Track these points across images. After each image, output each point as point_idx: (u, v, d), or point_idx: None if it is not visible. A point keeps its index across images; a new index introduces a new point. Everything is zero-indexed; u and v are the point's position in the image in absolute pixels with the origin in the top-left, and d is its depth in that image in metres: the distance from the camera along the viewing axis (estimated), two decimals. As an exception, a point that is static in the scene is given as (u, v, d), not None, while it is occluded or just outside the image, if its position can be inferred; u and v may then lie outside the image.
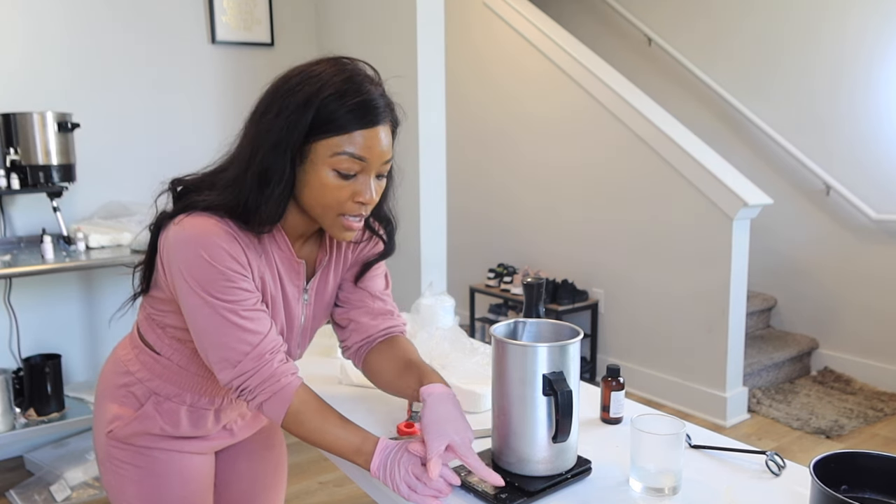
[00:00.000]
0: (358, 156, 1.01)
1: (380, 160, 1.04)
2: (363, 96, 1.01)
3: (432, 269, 2.98)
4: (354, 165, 1.02)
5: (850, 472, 0.94)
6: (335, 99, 1.00)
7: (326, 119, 1.00)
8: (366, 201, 1.04)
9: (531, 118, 4.20)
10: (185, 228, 1.03)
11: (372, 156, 1.02)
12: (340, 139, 1.00)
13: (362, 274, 1.24)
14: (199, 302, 1.02)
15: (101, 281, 3.00)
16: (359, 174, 1.03)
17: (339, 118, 1.00)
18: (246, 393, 1.05)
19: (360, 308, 1.25)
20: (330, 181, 1.02)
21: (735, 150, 4.17)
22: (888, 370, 3.72)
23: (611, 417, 1.32)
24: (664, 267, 3.57)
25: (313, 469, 2.85)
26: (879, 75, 3.64)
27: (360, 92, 1.01)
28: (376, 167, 1.04)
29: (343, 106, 1.00)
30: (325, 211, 1.05)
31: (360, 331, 1.25)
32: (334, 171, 1.02)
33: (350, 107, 1.00)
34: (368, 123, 1.01)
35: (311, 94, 1.00)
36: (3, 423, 2.47)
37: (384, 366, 1.22)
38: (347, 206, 1.04)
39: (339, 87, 1.00)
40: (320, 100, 1.00)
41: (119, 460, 1.20)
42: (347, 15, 3.29)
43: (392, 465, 1.01)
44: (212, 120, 3.23)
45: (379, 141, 1.02)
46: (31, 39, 2.80)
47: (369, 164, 1.02)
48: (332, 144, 1.00)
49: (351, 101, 1.00)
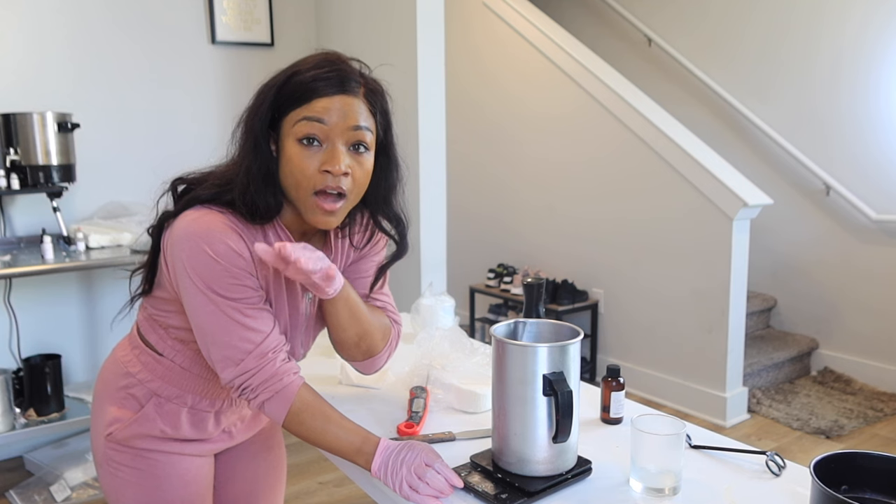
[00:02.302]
0: (315, 118, 1.00)
1: (344, 126, 1.01)
2: (329, 68, 1.02)
3: (432, 270, 2.99)
4: (314, 129, 1.01)
5: (850, 472, 0.94)
6: (302, 73, 1.02)
7: (290, 92, 1.02)
8: (333, 171, 1.01)
9: (531, 118, 4.20)
10: (190, 224, 1.02)
11: (331, 119, 1.01)
12: (302, 108, 1.01)
13: (378, 278, 1.24)
14: (202, 299, 1.02)
15: (100, 281, 3.00)
16: (324, 142, 1.02)
17: (302, 89, 1.01)
18: (247, 392, 1.05)
19: None
20: (296, 152, 1.02)
21: (735, 150, 4.17)
22: (888, 370, 3.72)
23: (611, 418, 1.32)
24: (664, 267, 3.57)
25: (313, 469, 2.85)
26: (879, 75, 3.64)
27: (328, 67, 1.02)
28: (342, 134, 1.02)
29: (307, 78, 1.01)
30: (298, 191, 1.04)
31: None
32: (298, 140, 1.01)
33: (312, 77, 1.01)
34: (331, 92, 1.01)
35: (286, 75, 1.03)
36: (3, 423, 2.46)
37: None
38: (317, 178, 1.02)
39: (310, 64, 1.03)
40: (289, 77, 1.03)
41: (118, 463, 1.19)
42: (347, 15, 3.29)
43: (394, 465, 1.01)
44: (212, 120, 3.23)
45: (342, 106, 1.01)
46: (31, 39, 2.80)
47: (331, 129, 1.01)
48: (295, 115, 1.02)
49: (316, 73, 1.01)
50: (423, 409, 1.33)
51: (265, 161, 1.04)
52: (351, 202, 1.07)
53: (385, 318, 1.24)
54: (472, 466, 1.10)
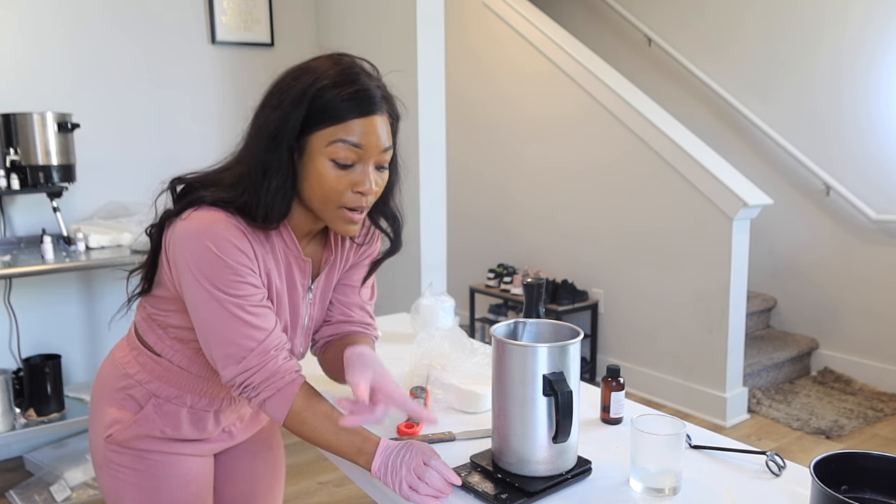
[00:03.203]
0: (354, 143, 1.01)
1: (377, 149, 1.03)
2: (358, 86, 1.02)
3: (432, 270, 2.99)
4: (351, 154, 1.02)
5: (850, 472, 0.94)
6: (330, 89, 1.00)
7: (322, 109, 1.00)
8: (365, 192, 1.04)
9: (531, 118, 4.20)
10: (193, 221, 1.02)
11: (368, 144, 1.02)
12: (336, 128, 1.01)
13: (370, 273, 1.27)
14: (205, 296, 1.02)
15: (100, 281, 3.00)
16: (356, 164, 1.03)
17: (335, 108, 1.00)
18: (249, 390, 1.05)
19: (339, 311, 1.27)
20: (328, 171, 1.02)
21: (735, 150, 4.17)
22: (888, 370, 3.72)
23: (611, 418, 1.31)
24: (664, 267, 3.57)
25: (313, 469, 2.85)
26: (879, 75, 3.64)
27: (355, 82, 1.02)
28: (374, 156, 1.04)
29: (338, 96, 1.00)
30: (325, 204, 1.05)
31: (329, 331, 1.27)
32: (331, 160, 1.02)
33: (345, 96, 1.00)
34: (364, 112, 1.01)
35: (307, 85, 1.01)
36: (3, 423, 2.46)
37: (330, 356, 1.24)
38: (347, 197, 1.04)
39: (335, 78, 1.01)
40: (315, 90, 1.00)
41: (118, 464, 1.19)
42: (347, 15, 3.29)
43: (394, 465, 1.01)
44: (212, 120, 3.23)
45: (375, 129, 1.02)
46: (31, 39, 2.80)
47: (366, 152, 1.02)
48: (328, 134, 1.01)
49: (346, 90, 1.01)
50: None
51: (290, 171, 1.03)
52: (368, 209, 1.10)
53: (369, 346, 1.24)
54: (472, 466, 1.10)
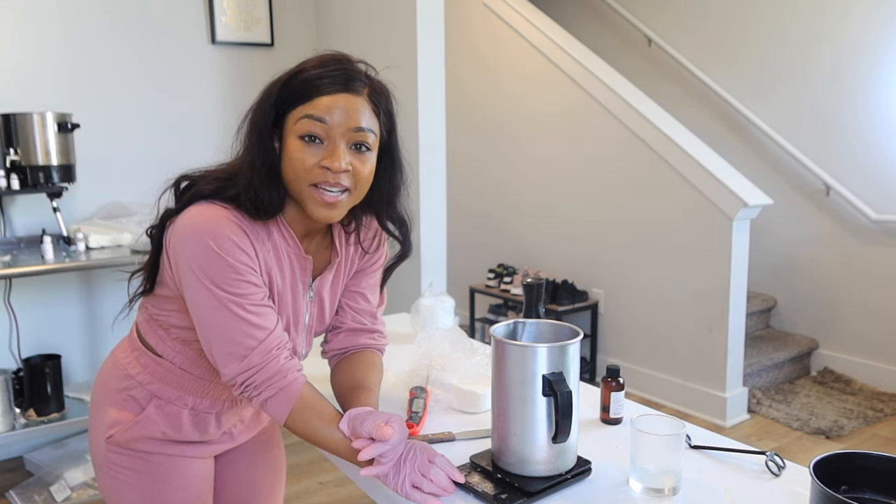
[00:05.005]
0: (318, 118, 1.01)
1: (345, 127, 1.02)
2: (333, 67, 1.04)
3: (432, 270, 2.98)
4: (316, 128, 1.02)
5: (850, 472, 0.94)
6: (307, 71, 1.03)
7: (294, 90, 1.03)
8: (333, 168, 1.02)
9: (531, 118, 4.20)
10: (194, 218, 1.02)
11: (333, 118, 1.02)
12: (305, 106, 1.02)
13: (385, 280, 1.28)
14: (205, 294, 1.01)
15: (100, 281, 3.00)
16: (325, 140, 1.03)
17: (306, 87, 1.03)
18: (250, 389, 1.04)
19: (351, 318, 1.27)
20: (296, 148, 1.03)
21: (735, 150, 4.17)
22: (888, 370, 3.72)
23: (611, 418, 1.31)
24: (664, 267, 3.57)
25: (313, 469, 2.85)
26: (879, 75, 3.64)
27: (331, 66, 1.04)
28: (343, 134, 1.03)
29: (311, 76, 1.03)
30: (297, 184, 1.04)
31: (341, 340, 1.27)
32: (299, 137, 1.03)
33: (317, 75, 1.03)
34: (333, 90, 1.02)
35: (291, 73, 1.05)
36: (2, 423, 2.46)
37: (341, 378, 1.23)
38: (315, 172, 1.03)
39: (314, 63, 1.04)
40: (293, 74, 1.04)
41: (119, 465, 1.18)
42: (348, 15, 3.29)
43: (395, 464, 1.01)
44: (212, 120, 3.23)
45: (343, 106, 1.02)
46: (31, 39, 2.80)
47: (332, 128, 1.02)
48: (298, 112, 1.03)
49: (321, 71, 1.03)
50: (423, 410, 1.33)
51: (269, 156, 1.05)
52: (354, 198, 1.08)
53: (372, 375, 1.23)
54: (472, 467, 1.10)
